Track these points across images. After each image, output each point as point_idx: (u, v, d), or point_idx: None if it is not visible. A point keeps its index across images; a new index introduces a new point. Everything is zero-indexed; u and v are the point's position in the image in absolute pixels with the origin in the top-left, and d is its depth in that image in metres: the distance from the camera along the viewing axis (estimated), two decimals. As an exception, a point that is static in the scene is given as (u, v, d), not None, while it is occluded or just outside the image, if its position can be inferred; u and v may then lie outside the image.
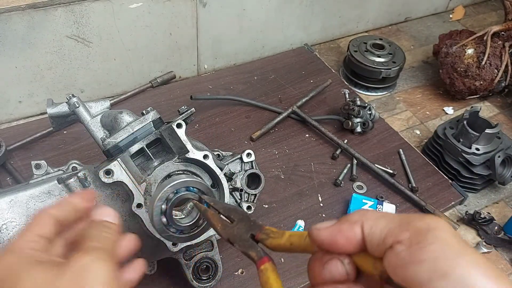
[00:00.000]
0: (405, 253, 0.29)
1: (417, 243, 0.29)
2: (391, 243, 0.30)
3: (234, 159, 0.85)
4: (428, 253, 0.28)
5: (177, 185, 0.66)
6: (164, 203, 0.66)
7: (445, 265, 0.27)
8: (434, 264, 0.28)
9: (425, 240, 0.29)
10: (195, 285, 0.80)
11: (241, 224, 0.42)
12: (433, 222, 0.30)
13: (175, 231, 0.67)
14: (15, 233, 0.70)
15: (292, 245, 0.37)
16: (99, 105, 0.77)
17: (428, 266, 0.28)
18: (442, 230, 0.29)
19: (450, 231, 0.29)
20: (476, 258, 0.28)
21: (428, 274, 0.28)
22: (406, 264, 0.29)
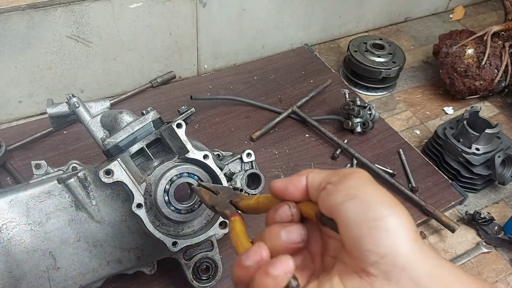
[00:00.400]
0: (331, 188, 0.38)
1: (340, 180, 0.38)
2: (324, 185, 0.39)
3: (234, 159, 0.85)
4: (345, 185, 0.37)
5: (180, 170, 0.71)
6: (168, 183, 0.70)
7: (355, 191, 0.36)
8: (348, 191, 0.36)
9: (346, 178, 0.38)
10: (195, 285, 0.80)
11: (224, 195, 0.51)
12: (355, 168, 0.40)
13: (174, 210, 0.71)
14: (15, 233, 0.70)
15: (259, 203, 0.45)
16: (99, 105, 0.77)
17: (343, 193, 0.37)
18: (360, 172, 0.38)
19: (366, 174, 0.38)
20: (377, 188, 0.37)
21: (342, 198, 0.36)
22: (329, 194, 0.38)
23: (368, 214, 0.35)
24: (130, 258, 0.77)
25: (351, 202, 0.36)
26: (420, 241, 0.35)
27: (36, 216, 0.71)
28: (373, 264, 0.34)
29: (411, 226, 0.35)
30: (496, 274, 0.98)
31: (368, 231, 0.34)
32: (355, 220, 0.35)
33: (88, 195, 0.73)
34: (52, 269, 0.72)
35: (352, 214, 0.35)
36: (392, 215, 0.35)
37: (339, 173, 0.39)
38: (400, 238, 0.34)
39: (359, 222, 0.35)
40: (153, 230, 0.68)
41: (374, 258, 0.34)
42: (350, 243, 0.35)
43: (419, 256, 0.34)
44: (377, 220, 0.34)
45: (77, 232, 0.73)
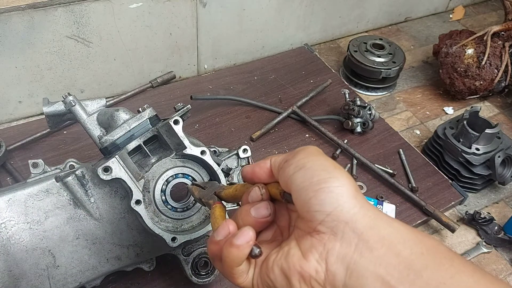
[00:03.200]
0: (285, 164, 0.43)
1: (292, 156, 0.43)
2: (282, 164, 0.43)
3: (231, 155, 0.85)
4: (295, 158, 0.42)
5: (176, 171, 0.74)
6: (164, 183, 0.73)
7: (302, 162, 0.41)
8: (297, 163, 0.41)
9: (296, 153, 0.43)
10: (194, 280, 0.80)
11: (210, 188, 0.57)
12: (306, 146, 0.44)
13: (170, 208, 0.73)
14: (14, 232, 0.70)
15: (236, 191, 0.50)
16: (95, 104, 0.78)
17: (293, 166, 0.41)
18: (308, 147, 0.43)
19: (314, 148, 0.43)
20: (321, 158, 0.41)
21: (293, 170, 0.41)
22: (283, 169, 0.42)
23: (313, 179, 0.39)
24: (129, 255, 0.77)
25: (299, 172, 0.41)
26: (360, 198, 0.39)
27: (34, 214, 0.71)
28: (321, 222, 0.39)
29: (351, 185, 0.39)
30: (496, 274, 0.97)
31: (313, 193, 0.39)
32: (303, 186, 0.40)
33: (86, 192, 0.73)
34: (52, 267, 0.72)
35: (300, 181, 0.40)
36: (333, 177, 0.39)
37: (293, 152, 0.44)
38: (341, 196, 0.38)
39: (306, 187, 0.39)
40: (152, 226, 0.68)
41: (321, 216, 0.38)
42: (301, 208, 0.40)
43: (359, 210, 0.38)
44: (320, 183, 0.39)
45: (76, 230, 0.73)
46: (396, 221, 0.39)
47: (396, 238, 0.37)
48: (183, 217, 0.74)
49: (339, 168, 0.41)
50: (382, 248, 0.36)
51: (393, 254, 0.36)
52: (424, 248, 0.37)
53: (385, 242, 0.37)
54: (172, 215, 0.73)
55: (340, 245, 0.38)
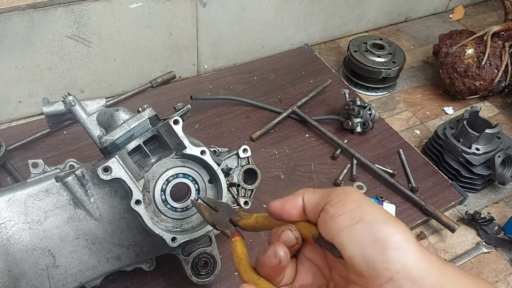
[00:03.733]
0: (332, 210, 0.39)
1: (340, 202, 0.39)
2: (322, 205, 0.40)
3: (231, 155, 0.85)
4: (346, 207, 0.38)
5: (176, 171, 0.74)
6: (164, 183, 0.73)
7: (359, 214, 0.38)
8: (351, 214, 0.38)
9: (345, 200, 0.39)
10: (194, 280, 0.80)
11: (223, 212, 0.54)
12: (347, 188, 0.41)
13: (170, 208, 0.73)
14: (13, 232, 0.70)
15: (257, 223, 0.47)
16: (95, 103, 0.78)
17: (347, 217, 0.38)
18: (355, 193, 0.40)
19: (360, 193, 0.40)
20: (376, 208, 0.39)
21: (349, 221, 0.38)
22: (333, 217, 0.39)
23: (377, 235, 0.36)
24: (129, 255, 0.77)
25: (358, 226, 0.37)
26: (424, 251, 0.37)
27: (34, 214, 0.71)
28: (388, 281, 0.36)
29: (413, 238, 0.37)
30: (496, 274, 0.97)
31: (380, 250, 0.36)
32: (365, 242, 0.37)
33: (86, 192, 0.73)
34: (52, 267, 0.72)
35: (361, 237, 0.37)
36: (398, 232, 0.37)
37: (335, 193, 0.40)
38: (408, 252, 0.36)
39: (370, 244, 0.36)
40: (152, 226, 0.68)
41: (389, 275, 0.36)
42: (363, 265, 0.37)
43: (426, 266, 0.36)
44: (385, 239, 0.36)
45: (75, 230, 0.73)
46: (461, 274, 0.38)
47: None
48: (183, 217, 0.74)
49: (397, 220, 0.38)
50: None
51: None
52: None
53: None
54: (172, 215, 0.73)
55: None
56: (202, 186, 0.75)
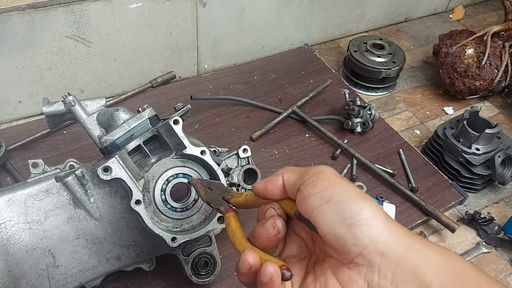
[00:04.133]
0: (305, 190, 0.42)
1: (312, 182, 0.42)
2: (298, 186, 0.43)
3: (231, 155, 0.85)
4: (317, 187, 0.41)
5: (176, 171, 0.74)
6: (164, 183, 0.73)
7: (328, 193, 0.40)
8: (321, 194, 0.40)
9: (317, 180, 0.42)
10: (194, 280, 0.80)
11: (217, 191, 0.57)
12: (322, 167, 0.43)
13: (170, 208, 0.73)
14: (14, 232, 0.70)
15: (247, 201, 0.51)
16: (95, 103, 0.78)
17: (317, 196, 0.41)
18: (328, 171, 0.43)
19: (334, 172, 0.43)
20: (347, 186, 0.41)
21: (318, 202, 0.40)
22: (305, 197, 0.41)
23: (344, 214, 0.39)
24: (129, 255, 0.77)
25: (327, 205, 0.40)
26: (392, 225, 0.39)
27: (34, 214, 0.71)
28: (358, 255, 0.39)
29: (382, 214, 0.40)
30: (496, 274, 0.97)
31: (347, 228, 0.39)
32: (334, 221, 0.39)
33: (86, 192, 0.73)
34: (52, 267, 0.72)
35: (330, 216, 0.40)
36: (365, 209, 0.39)
37: (309, 173, 0.43)
38: (375, 227, 0.38)
39: (338, 222, 0.39)
40: (152, 226, 0.68)
41: (358, 250, 0.38)
42: (334, 241, 0.40)
43: (394, 240, 0.39)
44: (353, 217, 0.39)
45: (76, 230, 0.73)
46: (427, 247, 0.39)
47: (428, 267, 0.37)
48: (183, 217, 0.74)
49: (365, 196, 0.41)
50: (414, 280, 0.37)
51: (425, 286, 0.37)
52: (454, 277, 0.37)
53: (418, 272, 0.37)
54: (172, 215, 0.73)
55: (378, 277, 0.38)
56: (202, 186, 0.75)
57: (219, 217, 0.73)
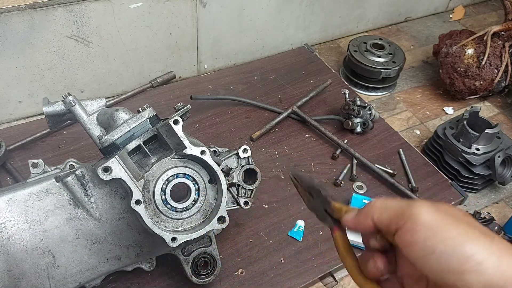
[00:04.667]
0: (404, 238, 0.40)
1: (410, 230, 0.39)
2: (394, 231, 0.41)
3: (231, 155, 0.85)
4: (418, 237, 0.39)
5: (176, 171, 0.74)
6: (164, 183, 0.72)
7: (431, 245, 0.38)
8: (423, 245, 0.38)
9: (415, 227, 0.39)
10: (194, 280, 0.80)
11: (318, 200, 0.55)
12: (417, 208, 0.40)
13: (170, 208, 0.73)
14: (14, 232, 0.70)
15: None
16: (95, 103, 0.78)
17: (420, 247, 0.38)
18: (424, 215, 0.39)
19: (430, 214, 0.39)
20: (452, 231, 0.38)
21: (421, 252, 0.38)
22: (406, 246, 0.40)
23: (451, 264, 0.37)
24: (129, 255, 0.77)
25: (431, 257, 0.38)
26: (505, 262, 0.37)
27: (34, 214, 0.71)
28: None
29: (494, 254, 0.37)
30: (496, 274, 0.97)
31: (456, 277, 0.37)
32: (441, 272, 0.38)
33: (86, 192, 0.73)
34: (52, 267, 0.72)
35: (436, 267, 0.38)
36: (474, 254, 0.37)
37: (404, 217, 0.40)
38: (487, 270, 0.36)
39: (445, 273, 0.37)
40: (152, 226, 0.68)
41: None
42: (442, 284, 0.39)
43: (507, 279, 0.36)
44: (461, 265, 0.37)
45: (76, 230, 0.73)
46: None
47: None
48: (183, 217, 0.74)
49: (471, 230, 0.38)
50: None
51: None
52: None
53: None
54: (172, 215, 0.73)
55: None
56: (202, 186, 0.75)
57: (219, 217, 0.73)
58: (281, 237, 0.96)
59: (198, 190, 0.75)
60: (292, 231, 0.97)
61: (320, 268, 0.92)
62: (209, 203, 0.76)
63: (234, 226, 0.97)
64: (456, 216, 0.40)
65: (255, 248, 0.93)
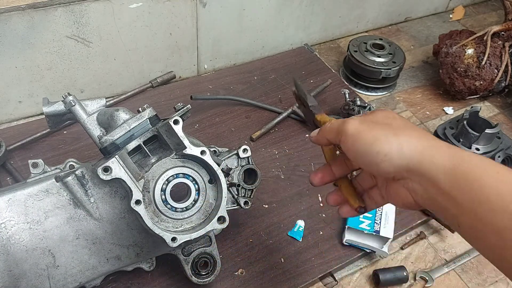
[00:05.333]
0: (343, 147, 0.57)
1: (343, 141, 0.57)
2: (339, 143, 0.58)
3: (231, 155, 0.85)
4: (347, 144, 0.56)
5: (176, 170, 0.74)
6: (164, 183, 0.72)
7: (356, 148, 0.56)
8: (352, 149, 0.56)
9: (345, 138, 0.56)
10: (194, 280, 0.80)
11: (307, 110, 0.70)
12: (345, 124, 0.57)
13: (170, 208, 0.73)
14: (14, 232, 0.70)
15: None
16: (95, 103, 0.78)
17: (351, 151, 0.56)
18: (351, 127, 0.56)
19: (356, 125, 0.56)
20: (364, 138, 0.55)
21: (353, 155, 0.56)
22: (346, 152, 0.57)
23: (369, 158, 0.54)
24: (129, 255, 0.77)
25: (359, 157, 0.55)
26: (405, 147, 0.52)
27: (34, 214, 0.71)
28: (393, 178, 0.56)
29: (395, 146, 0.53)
30: (496, 274, 0.97)
31: (377, 168, 0.54)
32: (367, 165, 0.55)
33: (86, 192, 0.73)
34: (52, 267, 0.72)
35: (364, 163, 0.56)
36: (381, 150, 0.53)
37: (340, 132, 0.57)
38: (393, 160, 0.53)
39: (369, 165, 0.55)
40: (152, 226, 0.68)
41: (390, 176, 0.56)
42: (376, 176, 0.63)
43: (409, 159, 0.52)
44: (376, 159, 0.53)
45: (76, 230, 0.73)
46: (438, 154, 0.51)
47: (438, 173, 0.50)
48: (183, 217, 0.74)
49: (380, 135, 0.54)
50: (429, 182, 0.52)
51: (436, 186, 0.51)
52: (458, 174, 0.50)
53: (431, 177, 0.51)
54: (172, 215, 0.73)
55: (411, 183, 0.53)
56: (202, 186, 0.75)
57: (219, 217, 0.73)
58: (281, 237, 0.96)
59: (198, 190, 0.75)
60: (292, 231, 0.97)
61: (320, 268, 0.92)
62: (209, 203, 0.76)
63: (234, 226, 0.97)
64: (375, 122, 0.56)
65: (255, 248, 0.94)
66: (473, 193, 0.47)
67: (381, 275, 0.91)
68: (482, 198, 0.46)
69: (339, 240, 0.97)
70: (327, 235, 0.97)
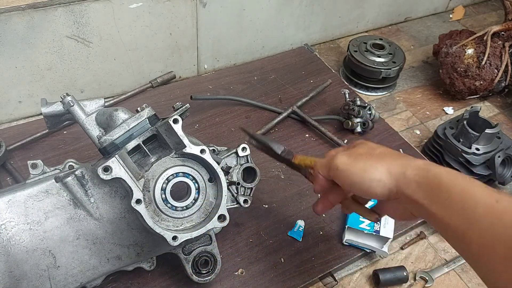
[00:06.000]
0: (337, 181, 0.67)
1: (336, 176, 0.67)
2: (332, 178, 0.68)
3: (230, 154, 0.85)
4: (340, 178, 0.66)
5: (176, 169, 0.74)
6: (164, 182, 0.73)
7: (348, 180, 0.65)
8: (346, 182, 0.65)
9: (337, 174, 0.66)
10: (194, 279, 0.80)
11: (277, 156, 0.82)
12: (334, 161, 0.67)
13: (170, 207, 0.74)
14: (14, 233, 0.70)
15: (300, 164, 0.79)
16: (94, 104, 0.77)
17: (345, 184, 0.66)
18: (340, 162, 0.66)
19: (344, 159, 0.65)
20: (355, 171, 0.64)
21: (348, 187, 0.67)
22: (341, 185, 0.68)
23: (364, 186, 0.63)
24: (130, 254, 0.77)
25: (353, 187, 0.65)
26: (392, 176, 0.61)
27: (34, 215, 0.71)
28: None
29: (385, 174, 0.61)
30: (496, 273, 0.97)
31: (370, 191, 0.63)
32: (362, 192, 0.64)
33: (86, 193, 0.73)
34: (52, 268, 0.72)
35: (360, 192, 0.65)
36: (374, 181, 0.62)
37: (331, 169, 0.67)
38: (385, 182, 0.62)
39: (365, 192, 0.64)
40: (152, 225, 0.68)
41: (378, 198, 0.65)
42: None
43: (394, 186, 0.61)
44: (369, 184, 0.62)
45: (76, 230, 0.73)
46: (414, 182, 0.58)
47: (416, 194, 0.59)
48: (184, 216, 0.74)
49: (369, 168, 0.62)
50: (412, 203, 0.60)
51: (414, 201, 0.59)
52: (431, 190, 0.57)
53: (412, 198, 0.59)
54: (172, 214, 0.73)
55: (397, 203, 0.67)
56: (202, 185, 0.75)
57: (220, 216, 0.73)
58: (281, 237, 0.96)
59: (198, 189, 0.75)
60: (292, 231, 0.97)
61: (320, 268, 0.92)
62: (209, 201, 0.76)
63: (234, 226, 0.97)
64: (360, 154, 0.64)
65: (255, 248, 0.94)
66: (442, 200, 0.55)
67: (381, 275, 0.91)
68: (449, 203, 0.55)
69: (339, 240, 0.97)
70: (327, 235, 0.97)
